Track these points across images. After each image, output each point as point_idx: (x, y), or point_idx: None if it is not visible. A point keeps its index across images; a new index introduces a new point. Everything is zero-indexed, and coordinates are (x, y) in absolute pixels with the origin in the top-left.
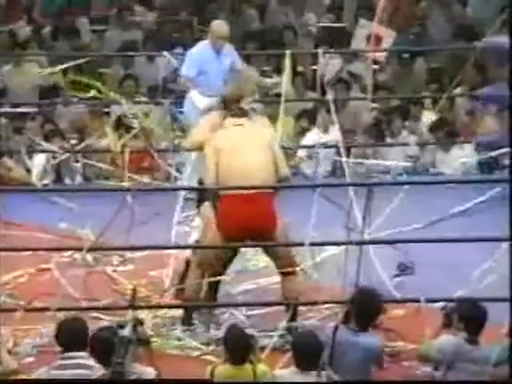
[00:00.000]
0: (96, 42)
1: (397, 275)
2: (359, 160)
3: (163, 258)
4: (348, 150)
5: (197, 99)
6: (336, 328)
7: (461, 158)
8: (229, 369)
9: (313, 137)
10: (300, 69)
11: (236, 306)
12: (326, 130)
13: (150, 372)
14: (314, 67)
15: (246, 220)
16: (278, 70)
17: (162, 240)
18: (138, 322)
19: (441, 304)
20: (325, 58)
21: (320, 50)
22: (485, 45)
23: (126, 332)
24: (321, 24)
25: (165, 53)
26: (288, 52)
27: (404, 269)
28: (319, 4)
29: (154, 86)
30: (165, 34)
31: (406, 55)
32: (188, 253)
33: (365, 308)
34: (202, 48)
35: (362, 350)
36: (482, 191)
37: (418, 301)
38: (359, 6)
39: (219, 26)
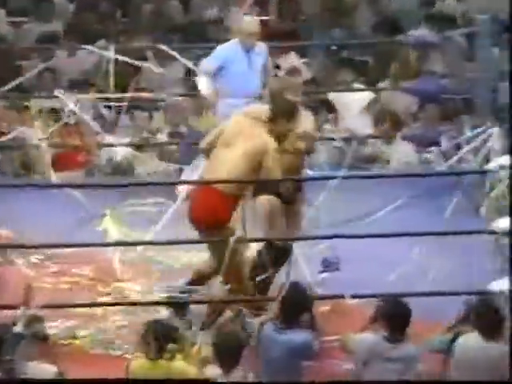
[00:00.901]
0: (14, 34)
1: (322, 271)
2: None
3: (89, 256)
4: None
5: (202, 85)
6: (261, 325)
7: (403, 151)
8: (143, 363)
9: None
10: None
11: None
12: None
13: (48, 370)
14: None
15: (190, 211)
16: None
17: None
18: (35, 319)
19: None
20: None
21: None
22: (410, 39)
23: (19, 328)
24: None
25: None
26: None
27: (328, 265)
28: None
29: (74, 79)
30: (86, 26)
31: (334, 47)
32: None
33: (290, 304)
34: (230, 45)
35: (286, 346)
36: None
37: (342, 297)
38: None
39: (248, 22)
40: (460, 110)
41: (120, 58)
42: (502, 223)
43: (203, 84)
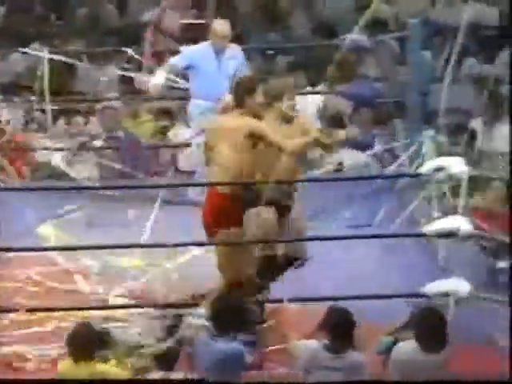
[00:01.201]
0: None
1: None
2: None
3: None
4: None
5: (155, 75)
6: (198, 329)
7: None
8: (68, 365)
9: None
10: None
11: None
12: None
13: None
14: None
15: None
16: (140, 68)
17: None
18: None
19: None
20: None
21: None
22: (345, 43)
23: None
24: (184, 21)
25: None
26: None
27: None
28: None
29: (6, 82)
30: (18, 29)
31: (270, 52)
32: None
33: (221, 312)
34: (201, 46)
35: (217, 354)
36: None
37: (281, 301)
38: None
39: (220, 24)
40: (393, 113)
41: (56, 59)
42: (436, 225)
43: (156, 76)
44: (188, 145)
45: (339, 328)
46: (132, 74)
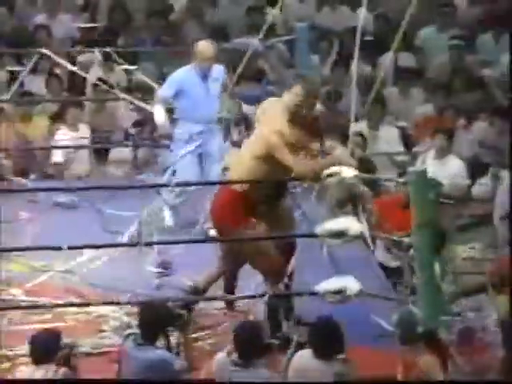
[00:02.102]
0: None
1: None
2: None
3: None
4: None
5: (157, 114)
6: (126, 337)
7: None
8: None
9: (61, 136)
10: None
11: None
12: (75, 128)
13: None
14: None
15: None
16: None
17: None
18: None
19: None
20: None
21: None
22: (235, 46)
23: None
24: (78, 24)
25: None
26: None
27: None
28: (73, 4)
29: None
30: None
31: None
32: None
33: (145, 320)
34: (184, 70)
35: (141, 364)
36: None
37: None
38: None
39: (204, 46)
40: None
41: None
42: (328, 226)
43: (158, 114)
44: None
45: (246, 341)
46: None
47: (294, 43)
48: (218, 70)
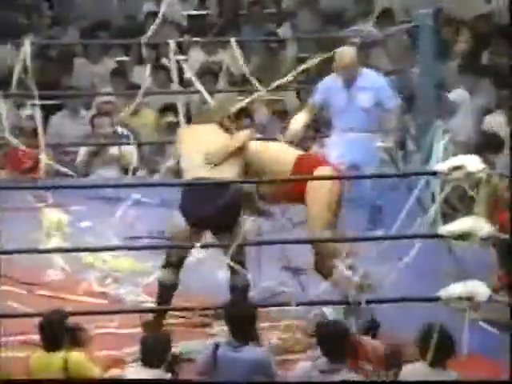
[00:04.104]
0: None
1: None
2: None
3: None
4: None
5: (293, 120)
6: (216, 346)
7: None
8: (41, 356)
9: None
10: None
11: None
12: None
13: None
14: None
15: None
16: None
17: None
18: None
19: None
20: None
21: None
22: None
23: None
24: (185, 12)
25: None
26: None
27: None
28: None
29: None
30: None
31: (274, 45)
32: None
33: (236, 321)
34: (330, 77)
35: (244, 364)
36: None
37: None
38: None
39: (339, 52)
40: None
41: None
42: (452, 226)
43: (294, 120)
44: None
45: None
46: None
47: (416, 32)
48: (371, 80)
